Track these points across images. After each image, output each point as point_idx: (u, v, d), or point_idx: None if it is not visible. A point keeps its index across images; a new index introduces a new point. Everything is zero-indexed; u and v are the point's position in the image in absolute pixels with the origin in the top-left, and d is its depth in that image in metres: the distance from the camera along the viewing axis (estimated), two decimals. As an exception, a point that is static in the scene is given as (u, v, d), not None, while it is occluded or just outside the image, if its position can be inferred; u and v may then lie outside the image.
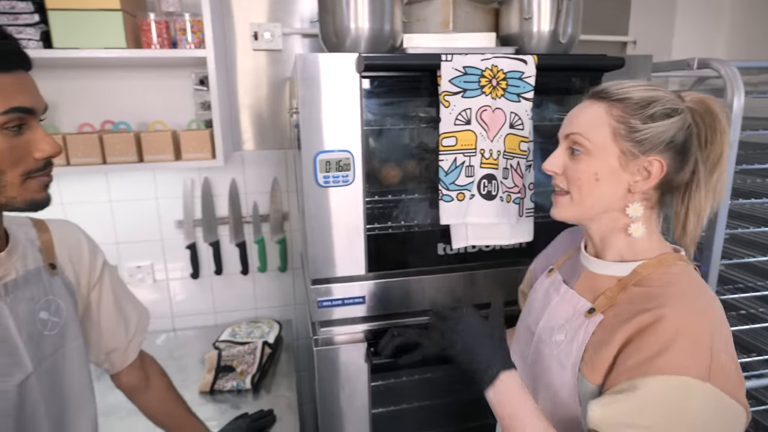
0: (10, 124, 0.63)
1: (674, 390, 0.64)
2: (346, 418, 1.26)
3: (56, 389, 0.79)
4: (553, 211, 0.84)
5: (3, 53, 0.62)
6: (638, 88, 0.76)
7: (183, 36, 1.44)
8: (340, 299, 1.19)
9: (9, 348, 0.71)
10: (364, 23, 1.20)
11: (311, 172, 1.09)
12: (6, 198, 0.66)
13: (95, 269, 0.90)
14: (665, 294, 0.71)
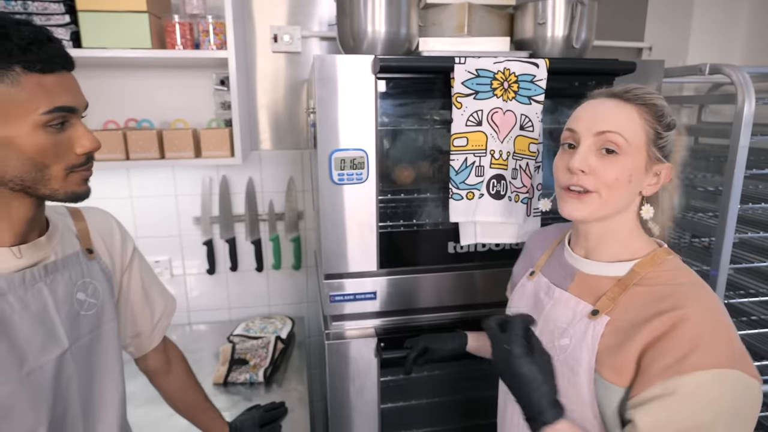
0: (53, 122, 0.67)
1: (711, 383, 0.66)
2: (356, 412, 1.29)
3: (89, 366, 0.83)
4: (572, 210, 0.80)
5: (49, 56, 0.66)
6: (654, 95, 0.78)
7: (206, 38, 1.49)
8: (352, 294, 1.22)
9: (47, 325, 0.75)
10: (380, 27, 1.23)
11: (326, 170, 1.13)
12: (50, 190, 0.71)
13: (126, 255, 0.94)
14: (676, 294, 0.73)
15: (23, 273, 0.72)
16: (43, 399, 0.74)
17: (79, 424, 0.81)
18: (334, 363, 1.25)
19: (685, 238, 1.59)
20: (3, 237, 0.71)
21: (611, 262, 0.81)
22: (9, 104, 0.64)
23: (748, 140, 1.16)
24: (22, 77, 0.64)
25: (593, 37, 1.37)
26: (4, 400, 0.70)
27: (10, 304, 0.70)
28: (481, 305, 1.28)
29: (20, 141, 0.66)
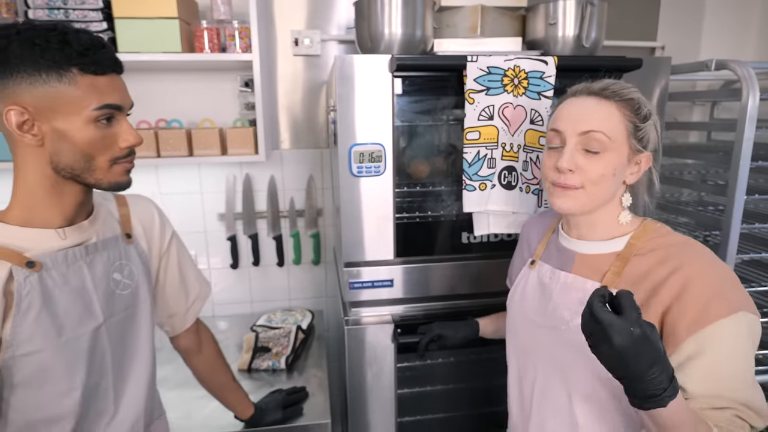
0: (102, 118, 0.76)
1: (731, 328, 0.73)
2: (373, 395, 1.35)
3: (122, 342, 0.91)
4: (561, 203, 0.84)
5: (102, 60, 0.75)
6: (630, 89, 0.84)
7: (232, 41, 1.57)
8: (370, 282, 1.28)
9: (85, 300, 0.83)
10: (397, 29, 1.30)
11: (346, 163, 1.19)
12: (95, 179, 0.79)
13: (164, 241, 1.02)
14: (674, 255, 0.79)
15: (66, 252, 0.81)
16: (78, 367, 0.82)
17: (110, 394, 0.89)
18: (353, 348, 1.31)
19: (698, 233, 1.62)
20: (54, 219, 0.80)
21: (606, 240, 0.87)
22: (66, 101, 0.73)
23: (753, 133, 1.20)
24: (78, 78, 0.73)
25: (603, 37, 1.42)
26: (43, 364, 0.78)
27: (53, 278, 0.79)
28: (492, 294, 1.33)
29: (73, 133, 0.75)
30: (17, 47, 0.70)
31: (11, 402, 0.79)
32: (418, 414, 1.57)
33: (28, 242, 0.77)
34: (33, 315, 0.76)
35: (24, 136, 0.74)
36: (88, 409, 0.85)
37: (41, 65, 0.71)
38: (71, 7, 1.44)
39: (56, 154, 0.76)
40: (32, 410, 0.80)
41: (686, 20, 2.02)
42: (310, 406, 1.40)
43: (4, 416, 0.80)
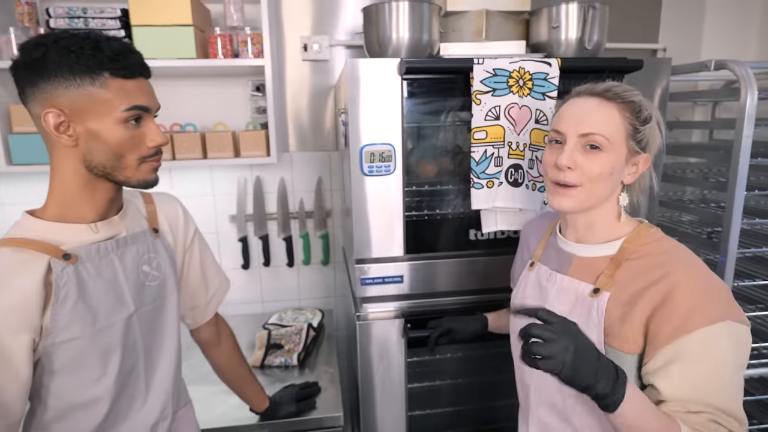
0: (131, 119, 0.81)
1: (711, 337, 0.75)
2: (384, 389, 1.38)
3: (152, 331, 0.96)
4: (559, 202, 0.87)
5: (131, 65, 0.80)
6: (632, 92, 0.87)
7: (244, 47, 1.62)
8: (381, 278, 1.32)
9: (117, 290, 0.88)
10: (404, 33, 1.35)
11: (357, 162, 1.24)
12: (124, 177, 0.84)
13: (188, 237, 1.07)
14: (663, 263, 0.82)
15: (98, 245, 0.86)
16: (112, 353, 0.87)
17: (141, 379, 0.94)
18: (364, 342, 1.35)
19: (701, 230, 1.65)
20: (87, 214, 0.85)
21: (602, 243, 0.90)
22: (98, 103, 0.78)
23: (752, 131, 1.24)
24: (109, 81, 0.78)
25: (605, 39, 1.46)
26: (80, 351, 0.83)
27: (87, 270, 0.84)
28: (500, 289, 1.36)
29: (104, 133, 0.80)
30: (54, 54, 0.75)
31: (51, 388, 0.84)
32: (428, 408, 1.60)
33: (64, 236, 0.82)
34: (70, 304, 0.80)
35: (60, 136, 0.79)
36: (122, 392, 0.90)
37: (76, 70, 0.76)
38: (90, 16, 1.50)
39: (89, 153, 0.81)
40: (70, 395, 0.85)
41: (687, 22, 2.06)
42: (322, 401, 1.44)
43: (44, 401, 0.85)
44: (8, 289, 0.75)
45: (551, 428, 0.95)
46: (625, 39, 1.98)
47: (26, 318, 0.76)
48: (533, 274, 1.01)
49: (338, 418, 1.39)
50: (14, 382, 0.78)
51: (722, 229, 1.35)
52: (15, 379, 0.78)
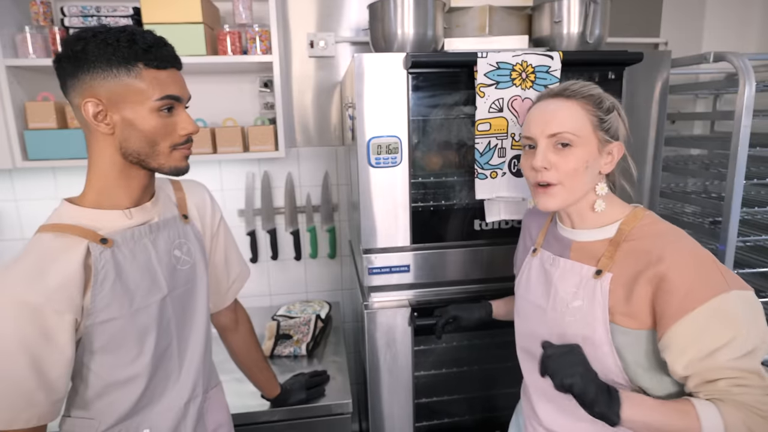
0: (163, 107, 0.85)
1: (717, 309, 0.78)
2: (392, 377, 1.42)
3: (184, 313, 1.01)
4: (545, 202, 0.92)
5: (163, 56, 0.84)
6: (589, 86, 0.91)
7: (252, 44, 1.66)
8: (388, 267, 1.36)
9: (151, 273, 0.93)
10: (409, 29, 1.38)
11: (365, 154, 1.27)
12: (157, 164, 0.88)
13: (214, 223, 1.12)
14: (659, 245, 0.85)
15: (132, 230, 0.90)
16: (147, 333, 0.92)
17: (175, 358, 0.99)
18: (372, 331, 1.38)
19: (703, 220, 1.67)
20: (122, 201, 0.90)
21: (598, 228, 0.93)
22: (133, 92, 0.83)
23: (750, 120, 1.27)
24: (143, 72, 0.82)
25: (607, 33, 1.49)
26: (118, 331, 0.87)
27: (123, 254, 0.88)
28: (504, 278, 1.40)
29: (139, 121, 0.84)
30: (94, 47, 0.80)
31: (91, 366, 0.88)
32: (434, 396, 1.64)
33: (100, 222, 0.87)
34: (108, 286, 0.85)
35: (98, 125, 0.83)
36: (157, 370, 0.95)
37: (113, 62, 0.80)
38: (104, 15, 1.54)
39: (125, 141, 0.85)
40: (110, 373, 0.90)
41: (688, 16, 2.09)
42: (331, 388, 1.48)
43: (85, 380, 0.90)
44: (52, 272, 0.80)
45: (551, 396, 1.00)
46: (627, 33, 2.01)
47: (69, 299, 0.80)
48: (536, 260, 1.04)
49: (347, 405, 1.42)
50: (59, 361, 0.82)
51: (722, 219, 1.38)
52: (60, 358, 0.82)
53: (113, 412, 0.91)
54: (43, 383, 0.80)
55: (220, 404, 1.13)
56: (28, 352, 0.78)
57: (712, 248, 1.50)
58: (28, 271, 0.79)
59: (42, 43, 1.57)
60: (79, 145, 1.61)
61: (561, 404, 0.99)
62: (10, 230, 1.92)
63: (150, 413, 0.95)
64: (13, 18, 1.56)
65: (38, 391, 0.80)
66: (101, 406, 0.91)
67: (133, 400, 0.92)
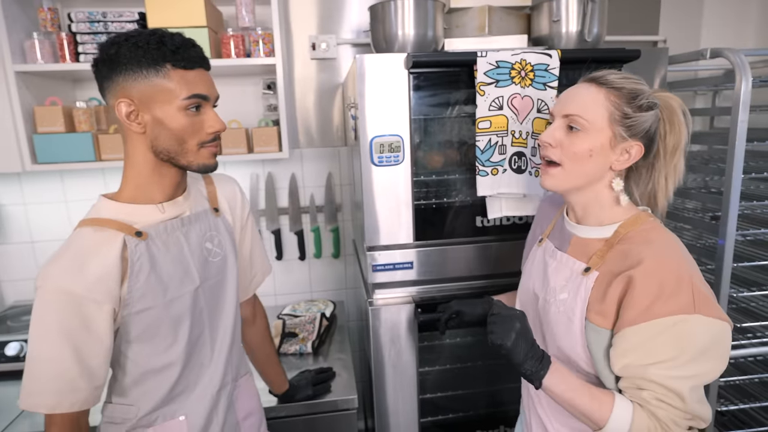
0: (191, 106, 0.88)
1: (672, 327, 0.80)
2: (396, 372, 1.44)
3: (216, 303, 1.04)
4: (544, 181, 0.94)
5: (190, 56, 0.87)
6: (630, 80, 0.90)
7: (256, 47, 1.69)
8: (392, 264, 1.38)
9: (184, 264, 0.96)
10: (410, 30, 1.40)
11: (368, 153, 1.29)
12: (186, 161, 0.91)
13: (243, 217, 1.15)
14: (642, 251, 0.85)
15: (165, 224, 0.94)
16: (181, 323, 0.96)
17: (207, 346, 1.03)
18: (377, 327, 1.40)
19: (704, 215, 1.69)
20: (155, 196, 0.94)
21: (598, 226, 0.94)
22: (161, 92, 0.86)
23: (747, 115, 1.29)
24: (171, 72, 0.86)
25: (605, 32, 1.51)
26: (153, 320, 0.92)
27: (157, 246, 0.92)
28: (506, 274, 1.42)
29: (168, 120, 0.87)
30: (126, 50, 0.84)
31: (128, 354, 0.93)
32: (439, 391, 1.66)
33: (135, 216, 0.91)
34: (144, 277, 0.89)
35: (131, 124, 0.87)
36: (191, 358, 0.99)
37: (143, 63, 0.84)
38: (110, 20, 1.57)
39: (155, 139, 0.89)
40: (146, 361, 0.94)
41: (686, 14, 2.10)
42: (336, 385, 1.50)
43: (123, 367, 0.94)
44: (92, 265, 0.84)
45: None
46: (626, 32, 2.03)
47: (108, 290, 0.85)
48: (540, 250, 1.07)
49: (352, 401, 1.44)
50: (99, 349, 0.86)
51: (721, 213, 1.40)
52: (100, 346, 0.86)
53: (151, 398, 0.96)
54: (84, 370, 0.85)
55: (250, 393, 1.17)
56: (70, 341, 0.83)
57: (712, 242, 1.51)
58: (70, 264, 0.83)
59: (50, 48, 1.60)
60: (86, 149, 1.63)
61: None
62: (19, 233, 1.95)
63: (186, 401, 1.00)
64: (22, 24, 1.59)
65: (80, 379, 0.85)
66: (139, 393, 0.95)
67: (168, 387, 0.96)
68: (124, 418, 0.96)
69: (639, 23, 2.07)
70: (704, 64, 1.94)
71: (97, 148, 1.65)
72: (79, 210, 1.94)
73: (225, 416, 1.06)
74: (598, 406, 0.84)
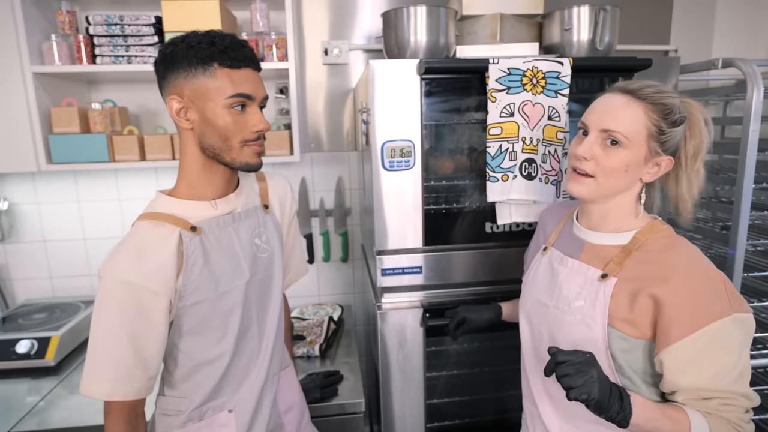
0: (235, 105, 0.90)
1: (719, 332, 0.81)
2: (404, 376, 1.44)
3: (263, 297, 1.07)
4: (573, 188, 0.93)
5: (237, 56, 0.89)
6: (666, 94, 0.88)
7: (269, 51, 1.71)
8: (401, 268, 1.39)
9: (235, 259, 0.99)
10: (422, 36, 1.42)
11: (379, 158, 1.31)
12: (230, 158, 0.93)
13: (291, 214, 1.19)
14: (668, 262, 0.87)
15: (218, 219, 0.97)
16: (232, 315, 0.98)
17: (256, 338, 1.06)
18: (385, 331, 1.41)
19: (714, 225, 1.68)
20: (207, 192, 0.97)
21: (614, 233, 0.94)
22: (207, 90, 0.89)
23: (759, 125, 1.29)
24: (217, 71, 0.88)
25: (616, 40, 1.51)
26: (205, 313, 0.94)
27: (210, 241, 0.95)
28: (514, 280, 1.40)
29: (213, 118, 0.90)
30: (180, 50, 0.88)
31: (181, 347, 0.96)
32: (446, 397, 1.65)
33: (189, 212, 0.94)
34: (197, 270, 0.92)
35: (181, 121, 0.91)
36: (241, 351, 1.02)
37: (192, 62, 0.87)
38: (127, 23, 1.59)
39: (202, 136, 0.92)
40: (198, 354, 0.97)
41: (698, 24, 2.10)
42: (344, 388, 1.50)
43: (176, 360, 0.97)
44: (150, 256, 0.87)
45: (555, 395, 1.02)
46: (637, 41, 2.03)
47: (165, 281, 0.88)
48: (546, 258, 1.06)
49: (359, 404, 1.45)
50: (154, 339, 0.89)
51: (731, 222, 1.39)
52: (155, 337, 0.89)
53: (201, 390, 0.98)
54: (140, 360, 0.88)
55: (291, 385, 1.20)
56: (128, 329, 0.86)
57: (722, 252, 1.51)
58: (129, 255, 0.87)
59: (67, 50, 1.62)
60: (100, 150, 1.66)
61: (559, 401, 1.01)
62: (32, 233, 1.98)
63: (234, 394, 1.03)
64: (40, 27, 1.62)
65: (135, 368, 0.88)
66: (191, 385, 0.98)
67: (217, 378, 0.99)
68: (177, 410, 0.99)
69: (650, 33, 2.08)
70: (716, 74, 1.94)
71: (111, 149, 1.67)
72: (91, 210, 1.97)
73: (270, 409, 1.08)
74: (678, 426, 0.83)
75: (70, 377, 1.56)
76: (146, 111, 1.92)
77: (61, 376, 1.57)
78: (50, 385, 1.51)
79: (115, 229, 1.99)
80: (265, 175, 1.14)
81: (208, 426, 1.00)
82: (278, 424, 1.13)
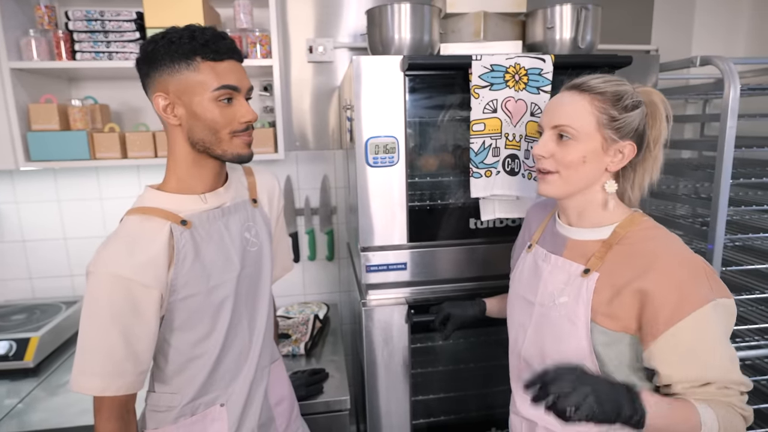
0: (222, 97, 0.90)
1: (704, 318, 0.82)
2: (389, 373, 1.44)
3: (253, 291, 1.06)
4: (542, 188, 0.95)
5: (219, 48, 0.89)
6: (612, 82, 0.91)
7: (253, 49, 1.70)
8: (386, 265, 1.39)
9: (225, 252, 0.99)
10: (406, 34, 1.42)
11: (363, 154, 1.31)
12: (221, 150, 0.93)
13: (279, 209, 1.19)
14: (649, 253, 0.87)
15: (207, 213, 0.97)
16: (222, 309, 0.98)
17: (246, 333, 1.05)
18: (370, 328, 1.40)
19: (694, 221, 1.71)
20: (197, 186, 0.97)
21: (594, 228, 0.95)
22: (193, 84, 0.88)
23: (735, 122, 1.31)
24: (201, 64, 0.88)
25: (598, 39, 1.53)
26: (196, 308, 0.94)
27: (200, 234, 0.95)
28: (498, 276, 1.43)
29: (200, 112, 0.89)
30: (161, 47, 0.87)
31: (172, 342, 0.95)
32: (431, 393, 1.66)
33: (179, 206, 0.94)
34: (188, 264, 0.91)
35: (168, 117, 0.90)
36: (231, 345, 1.02)
37: (175, 57, 0.87)
38: (107, 19, 1.57)
39: (190, 131, 0.91)
40: (188, 348, 0.96)
41: (678, 24, 2.14)
42: (329, 386, 1.50)
43: (166, 355, 0.96)
44: (140, 250, 0.87)
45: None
46: (619, 41, 2.06)
47: (155, 275, 0.87)
48: (530, 256, 1.07)
49: (345, 401, 1.45)
50: (146, 333, 0.89)
51: (710, 218, 1.42)
52: (147, 331, 0.89)
53: (192, 385, 0.98)
54: (131, 354, 0.87)
55: (280, 378, 1.20)
56: (119, 323, 0.85)
57: (702, 247, 1.54)
58: (119, 249, 0.86)
59: (46, 46, 1.60)
60: (81, 147, 1.63)
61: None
62: (11, 232, 1.94)
63: (226, 388, 1.02)
64: (18, 22, 1.59)
65: (126, 362, 0.87)
66: (182, 381, 0.98)
67: (207, 372, 0.98)
68: (168, 406, 0.98)
69: (632, 33, 2.11)
70: (695, 72, 1.97)
71: (91, 147, 1.65)
72: (71, 209, 1.94)
73: (261, 403, 1.08)
74: (688, 417, 0.81)
75: (49, 379, 1.53)
76: (128, 108, 1.89)
77: (40, 377, 1.54)
78: (29, 387, 1.48)
79: (97, 228, 1.96)
80: (252, 170, 1.14)
81: (200, 421, 1.00)
82: (269, 417, 1.12)
